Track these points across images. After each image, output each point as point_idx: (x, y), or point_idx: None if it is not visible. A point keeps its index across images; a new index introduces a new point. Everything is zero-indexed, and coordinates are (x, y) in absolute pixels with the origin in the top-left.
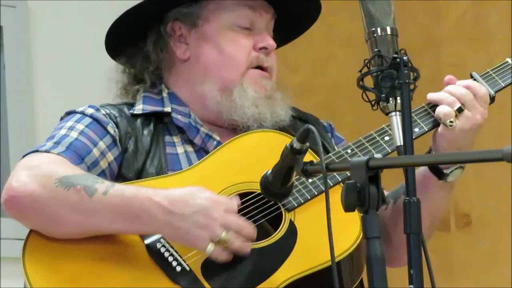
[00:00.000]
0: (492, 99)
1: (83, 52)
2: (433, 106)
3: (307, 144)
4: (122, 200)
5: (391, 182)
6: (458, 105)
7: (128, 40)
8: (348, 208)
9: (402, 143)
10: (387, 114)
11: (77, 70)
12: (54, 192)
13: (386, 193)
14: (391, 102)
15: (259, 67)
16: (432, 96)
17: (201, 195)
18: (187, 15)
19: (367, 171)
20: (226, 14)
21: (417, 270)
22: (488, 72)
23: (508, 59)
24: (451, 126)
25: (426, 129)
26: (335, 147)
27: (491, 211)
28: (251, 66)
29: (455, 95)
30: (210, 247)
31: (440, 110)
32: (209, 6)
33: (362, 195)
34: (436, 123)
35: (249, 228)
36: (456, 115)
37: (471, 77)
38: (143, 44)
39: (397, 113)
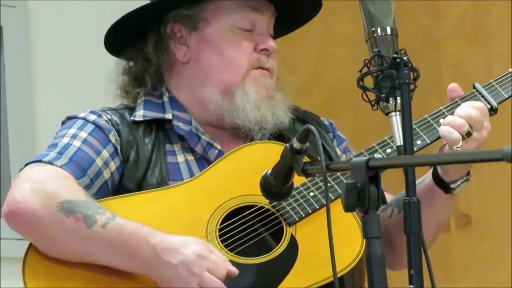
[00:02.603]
0: (495, 110)
1: (83, 52)
2: (436, 117)
3: (307, 144)
4: (119, 236)
5: (391, 182)
6: (467, 128)
7: (128, 40)
8: (348, 208)
9: (402, 143)
10: (387, 114)
11: (77, 70)
12: (55, 216)
13: (389, 197)
14: (391, 102)
15: (260, 68)
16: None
17: (191, 247)
18: (187, 17)
19: (367, 171)
20: (227, 16)
21: (417, 270)
22: (491, 83)
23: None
24: (458, 150)
25: (429, 142)
26: (336, 149)
27: (491, 211)
28: (252, 67)
29: (464, 118)
30: None
31: (447, 136)
32: (209, 8)
33: (362, 195)
34: (439, 136)
35: None
36: (463, 138)
37: (474, 88)
38: (143, 44)
39: (397, 113)
